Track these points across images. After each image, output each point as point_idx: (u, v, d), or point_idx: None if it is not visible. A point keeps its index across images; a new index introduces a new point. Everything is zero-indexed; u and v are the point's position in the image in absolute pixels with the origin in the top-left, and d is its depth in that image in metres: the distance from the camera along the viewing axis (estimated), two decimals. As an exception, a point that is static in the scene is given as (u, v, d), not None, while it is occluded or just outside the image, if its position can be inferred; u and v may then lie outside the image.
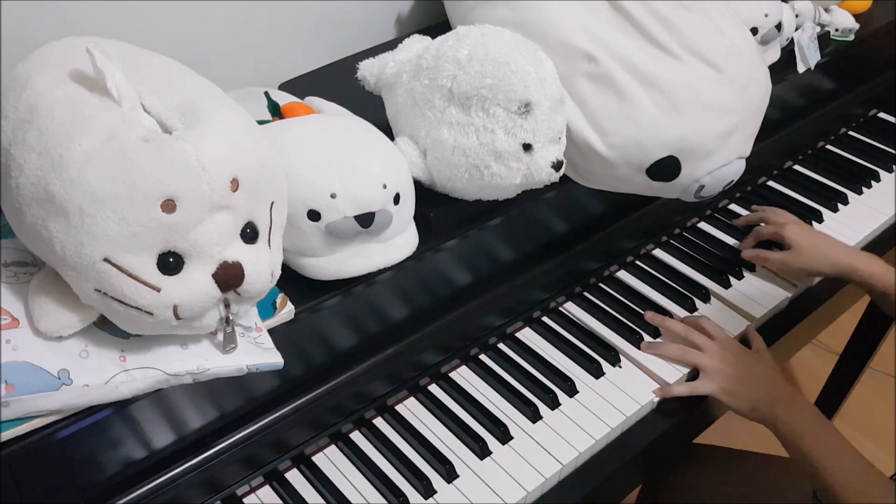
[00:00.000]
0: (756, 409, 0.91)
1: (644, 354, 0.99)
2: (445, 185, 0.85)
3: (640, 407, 0.93)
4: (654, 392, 0.94)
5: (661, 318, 1.02)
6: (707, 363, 0.94)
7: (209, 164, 0.58)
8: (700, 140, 0.87)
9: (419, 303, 0.90)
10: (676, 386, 0.95)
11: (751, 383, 0.93)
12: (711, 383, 0.93)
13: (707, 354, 0.95)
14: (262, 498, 0.83)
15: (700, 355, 0.95)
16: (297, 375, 0.81)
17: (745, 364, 0.95)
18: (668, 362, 0.98)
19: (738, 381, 0.93)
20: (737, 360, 0.95)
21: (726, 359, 0.95)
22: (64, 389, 0.61)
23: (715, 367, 0.94)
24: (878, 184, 1.34)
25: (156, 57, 0.71)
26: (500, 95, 0.79)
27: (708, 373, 0.94)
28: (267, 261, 0.64)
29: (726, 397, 0.92)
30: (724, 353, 0.95)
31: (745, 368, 0.94)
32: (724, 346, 0.97)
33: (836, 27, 1.27)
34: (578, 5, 0.90)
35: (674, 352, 0.97)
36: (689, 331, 0.99)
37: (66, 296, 0.62)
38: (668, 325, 1.00)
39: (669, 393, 0.94)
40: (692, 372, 0.97)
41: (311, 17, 1.09)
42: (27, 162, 0.58)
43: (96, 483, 0.70)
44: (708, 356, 0.95)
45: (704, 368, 0.94)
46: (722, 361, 0.94)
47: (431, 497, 0.83)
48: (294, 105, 0.85)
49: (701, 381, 0.94)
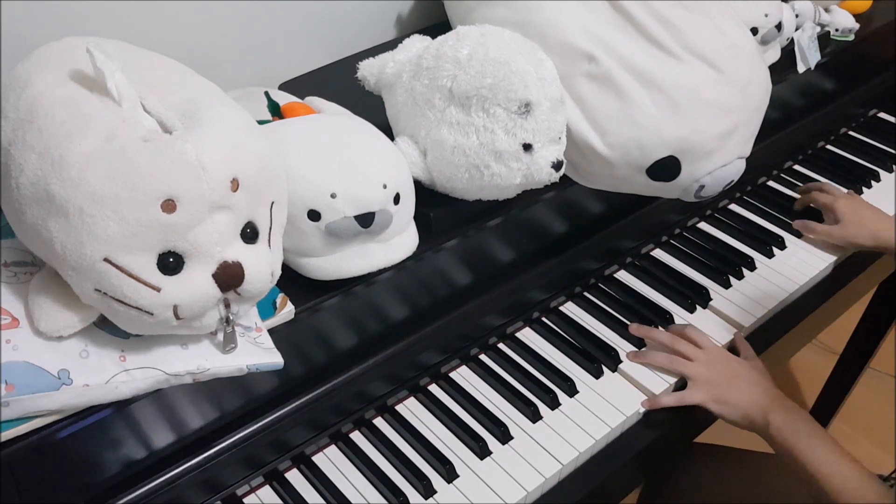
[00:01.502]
0: (747, 418, 0.90)
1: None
2: (445, 185, 0.85)
3: (640, 407, 0.93)
4: (641, 404, 0.93)
5: (647, 329, 1.00)
6: (695, 372, 0.94)
7: (209, 164, 0.58)
8: (700, 140, 0.87)
9: (419, 303, 0.90)
10: (664, 396, 0.94)
11: (740, 391, 0.92)
12: (700, 392, 0.92)
13: (695, 364, 0.94)
14: (262, 498, 0.83)
15: (688, 364, 0.94)
16: (297, 375, 0.81)
17: (733, 372, 0.94)
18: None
19: (727, 389, 0.92)
20: (725, 369, 0.94)
21: (714, 367, 0.94)
22: (64, 389, 0.61)
23: (703, 376, 0.93)
24: (878, 184, 1.34)
25: (156, 57, 0.71)
26: (500, 95, 0.79)
27: (696, 382, 0.93)
28: (267, 261, 0.64)
29: (716, 406, 0.92)
30: (712, 361, 0.95)
31: (733, 376, 0.93)
32: (711, 355, 0.96)
33: (836, 27, 1.27)
34: (578, 5, 0.90)
35: (661, 361, 0.96)
36: (676, 340, 0.97)
37: (66, 296, 0.62)
38: (654, 335, 0.99)
39: (657, 404, 0.93)
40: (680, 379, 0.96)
41: (311, 17, 1.09)
42: (27, 162, 0.58)
43: (96, 483, 0.70)
44: (696, 365, 0.94)
45: (692, 378, 0.94)
46: (710, 370, 0.94)
47: (431, 497, 0.83)
48: (294, 105, 0.85)
49: (689, 390, 0.93)
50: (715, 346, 0.99)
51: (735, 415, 0.91)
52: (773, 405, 0.90)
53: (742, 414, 0.91)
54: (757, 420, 0.89)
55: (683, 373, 0.94)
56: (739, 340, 1.02)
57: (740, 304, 1.08)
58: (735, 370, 0.94)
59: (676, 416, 0.94)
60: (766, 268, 1.14)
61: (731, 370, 0.94)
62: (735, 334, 1.03)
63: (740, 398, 0.91)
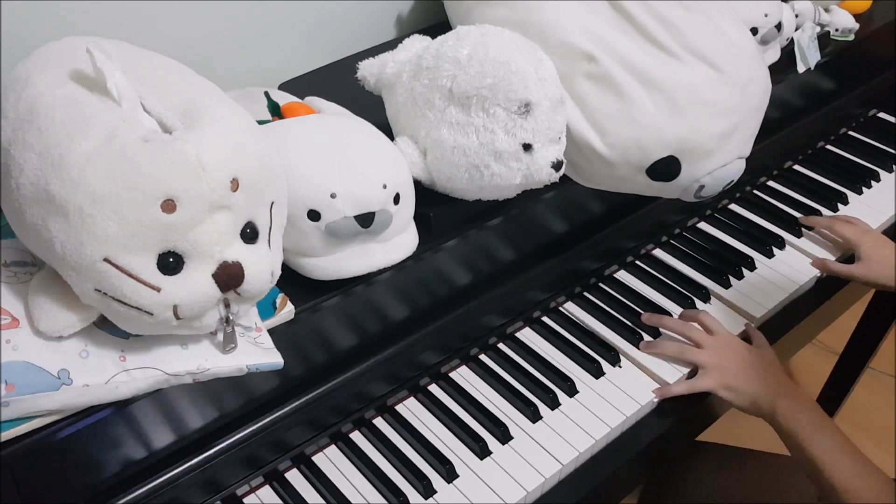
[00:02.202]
0: (755, 403, 0.91)
1: (644, 354, 0.99)
2: (445, 185, 0.85)
3: (640, 407, 0.93)
4: (653, 392, 0.94)
5: (659, 317, 1.02)
6: (705, 360, 0.95)
7: (209, 163, 0.58)
8: (700, 140, 0.87)
9: (419, 303, 0.90)
10: (675, 385, 0.95)
11: (749, 378, 0.93)
12: (710, 379, 0.93)
13: (705, 351, 0.95)
14: (262, 498, 0.83)
15: (698, 352, 0.96)
16: (297, 375, 0.81)
17: (743, 359, 0.95)
18: (667, 362, 0.98)
19: (736, 376, 0.93)
20: (736, 355, 0.95)
21: (725, 354, 0.95)
22: (64, 389, 0.61)
23: (713, 363, 0.94)
24: (878, 184, 1.34)
25: (156, 57, 0.71)
26: (500, 95, 0.79)
27: (706, 369, 0.94)
28: (267, 261, 0.64)
29: (725, 392, 0.92)
30: (723, 348, 0.95)
31: (743, 363, 0.94)
32: (722, 342, 0.97)
33: (836, 27, 1.27)
34: (578, 5, 0.90)
35: (672, 350, 0.97)
36: (688, 327, 0.99)
37: (66, 296, 0.62)
38: (666, 322, 1.01)
39: (669, 393, 0.94)
40: (692, 371, 0.97)
41: (311, 17, 1.09)
42: (27, 162, 0.58)
43: (96, 483, 0.70)
44: (706, 353, 0.95)
45: (703, 365, 0.94)
46: (720, 357, 0.94)
47: (431, 497, 0.83)
48: (294, 105, 0.85)
49: (699, 377, 0.94)
50: (726, 332, 0.99)
51: (744, 401, 0.92)
52: (782, 392, 0.90)
53: (750, 400, 0.91)
54: (764, 407, 0.90)
55: (694, 360, 0.95)
56: (751, 330, 1.02)
57: (740, 304, 1.08)
58: (745, 357, 0.95)
59: (677, 416, 0.95)
60: (766, 268, 1.14)
61: (742, 357, 0.95)
62: (746, 324, 1.04)
63: (749, 385, 0.92)
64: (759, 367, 0.94)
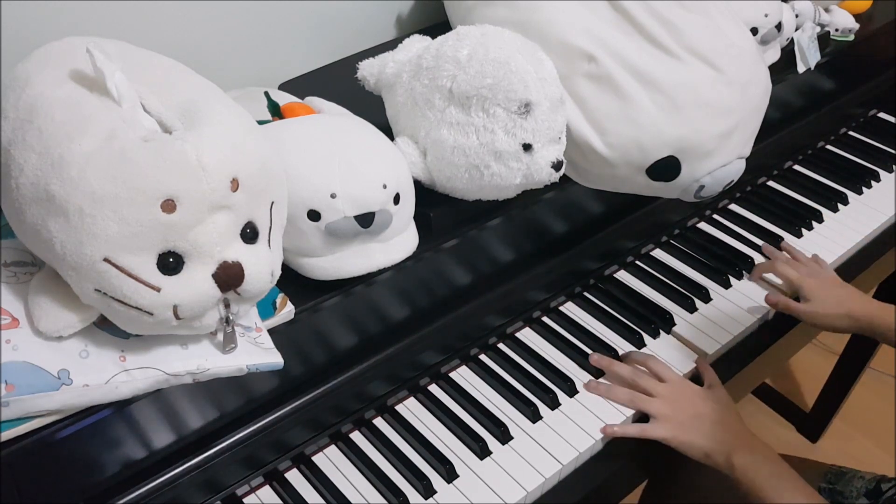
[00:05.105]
0: (710, 457, 0.87)
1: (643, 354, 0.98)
2: (445, 185, 0.85)
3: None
4: (600, 430, 0.90)
5: (608, 360, 0.96)
6: (657, 410, 0.90)
7: (209, 163, 0.58)
8: (700, 140, 0.87)
9: (419, 303, 0.90)
10: (627, 426, 0.91)
11: (703, 430, 0.89)
12: (662, 430, 0.89)
13: (657, 401, 0.91)
14: (262, 498, 0.83)
15: (650, 402, 0.91)
16: (297, 375, 0.81)
17: (696, 410, 0.91)
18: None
19: (689, 429, 0.89)
20: (688, 406, 0.91)
21: (677, 404, 0.91)
22: (64, 389, 0.61)
23: (665, 414, 0.90)
24: (878, 184, 1.34)
25: (156, 57, 0.71)
26: (500, 95, 0.79)
27: (659, 419, 0.90)
28: (267, 261, 0.65)
29: (678, 444, 0.89)
30: (674, 398, 0.91)
31: (696, 415, 0.90)
32: (674, 390, 0.92)
33: (836, 27, 1.27)
34: (578, 5, 0.90)
35: (623, 398, 0.92)
36: (637, 375, 0.94)
37: (66, 296, 0.62)
38: (615, 368, 0.95)
39: (621, 433, 0.90)
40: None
41: (311, 17, 1.09)
42: (27, 162, 0.58)
43: (96, 483, 0.70)
44: (657, 402, 0.91)
45: (655, 415, 0.90)
46: (672, 407, 0.90)
47: (431, 497, 0.83)
48: (294, 105, 0.85)
49: (652, 426, 0.90)
50: (677, 378, 0.95)
51: (698, 454, 0.88)
52: (738, 445, 0.87)
53: (705, 453, 0.87)
54: (720, 461, 0.87)
55: (646, 410, 0.91)
56: (703, 367, 0.98)
57: (740, 304, 1.08)
58: (698, 407, 0.91)
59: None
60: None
61: (694, 407, 0.91)
62: (697, 360, 0.99)
63: (703, 440, 0.88)
64: (712, 418, 0.90)
